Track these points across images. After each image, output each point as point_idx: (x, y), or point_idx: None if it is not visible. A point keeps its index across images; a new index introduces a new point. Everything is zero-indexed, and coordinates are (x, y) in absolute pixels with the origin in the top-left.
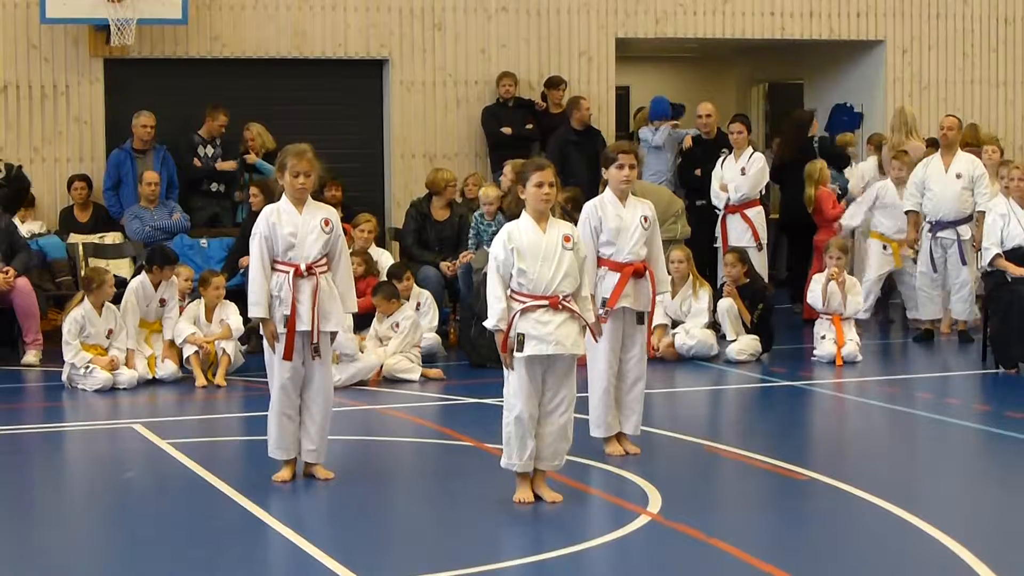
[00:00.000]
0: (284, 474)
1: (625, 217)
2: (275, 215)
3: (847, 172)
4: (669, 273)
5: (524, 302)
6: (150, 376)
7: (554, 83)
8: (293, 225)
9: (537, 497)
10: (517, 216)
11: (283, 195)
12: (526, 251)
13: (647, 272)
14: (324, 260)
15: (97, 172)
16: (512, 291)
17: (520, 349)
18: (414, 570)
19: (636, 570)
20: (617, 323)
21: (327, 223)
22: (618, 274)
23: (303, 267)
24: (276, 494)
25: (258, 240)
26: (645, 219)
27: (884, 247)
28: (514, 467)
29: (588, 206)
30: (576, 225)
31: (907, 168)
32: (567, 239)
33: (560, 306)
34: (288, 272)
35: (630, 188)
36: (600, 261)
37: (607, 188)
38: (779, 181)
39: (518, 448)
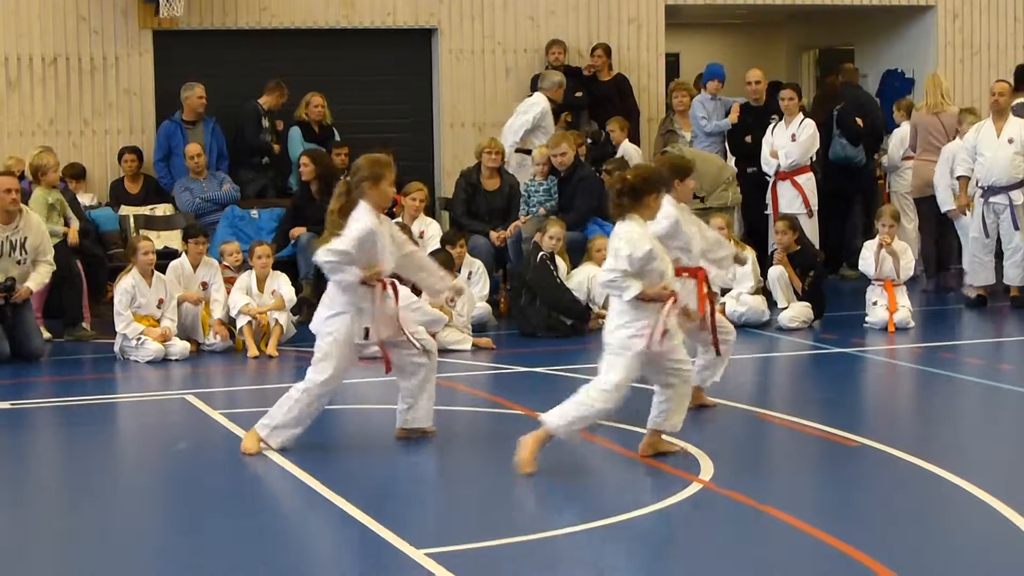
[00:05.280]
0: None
1: None
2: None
3: None
4: None
5: None
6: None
7: (592, 50)
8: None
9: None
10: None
11: (368, 204)
12: None
13: None
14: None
15: (147, 144)
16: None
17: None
18: (466, 539)
19: (689, 537)
20: None
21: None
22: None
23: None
24: (328, 463)
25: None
26: None
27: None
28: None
29: None
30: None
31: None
32: None
33: None
34: (376, 286)
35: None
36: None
37: None
38: None
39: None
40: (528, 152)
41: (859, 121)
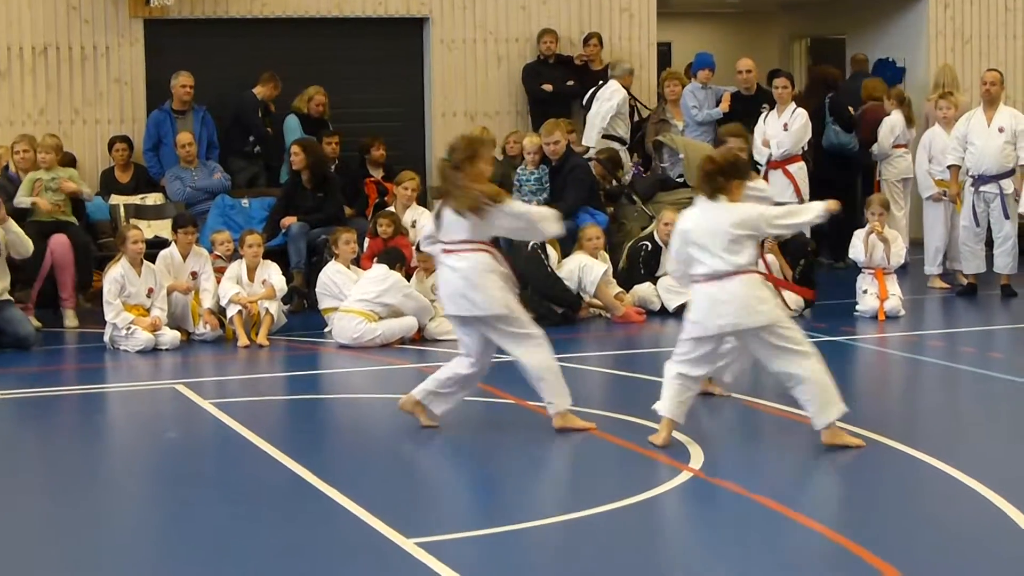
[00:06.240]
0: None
1: None
2: None
3: None
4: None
5: None
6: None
7: (585, 39)
8: None
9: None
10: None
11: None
12: None
13: None
14: None
15: (138, 133)
16: None
17: None
18: (456, 528)
19: (679, 526)
20: None
21: None
22: None
23: None
24: (318, 453)
25: None
26: None
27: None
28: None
29: None
30: (617, 181)
31: (955, 108)
32: None
33: None
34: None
35: None
36: None
37: None
38: None
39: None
40: (613, 138)
41: (851, 109)
